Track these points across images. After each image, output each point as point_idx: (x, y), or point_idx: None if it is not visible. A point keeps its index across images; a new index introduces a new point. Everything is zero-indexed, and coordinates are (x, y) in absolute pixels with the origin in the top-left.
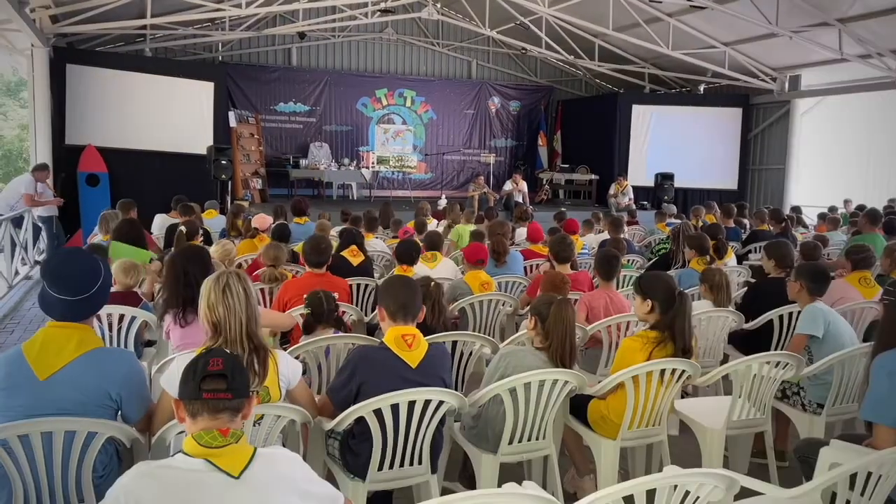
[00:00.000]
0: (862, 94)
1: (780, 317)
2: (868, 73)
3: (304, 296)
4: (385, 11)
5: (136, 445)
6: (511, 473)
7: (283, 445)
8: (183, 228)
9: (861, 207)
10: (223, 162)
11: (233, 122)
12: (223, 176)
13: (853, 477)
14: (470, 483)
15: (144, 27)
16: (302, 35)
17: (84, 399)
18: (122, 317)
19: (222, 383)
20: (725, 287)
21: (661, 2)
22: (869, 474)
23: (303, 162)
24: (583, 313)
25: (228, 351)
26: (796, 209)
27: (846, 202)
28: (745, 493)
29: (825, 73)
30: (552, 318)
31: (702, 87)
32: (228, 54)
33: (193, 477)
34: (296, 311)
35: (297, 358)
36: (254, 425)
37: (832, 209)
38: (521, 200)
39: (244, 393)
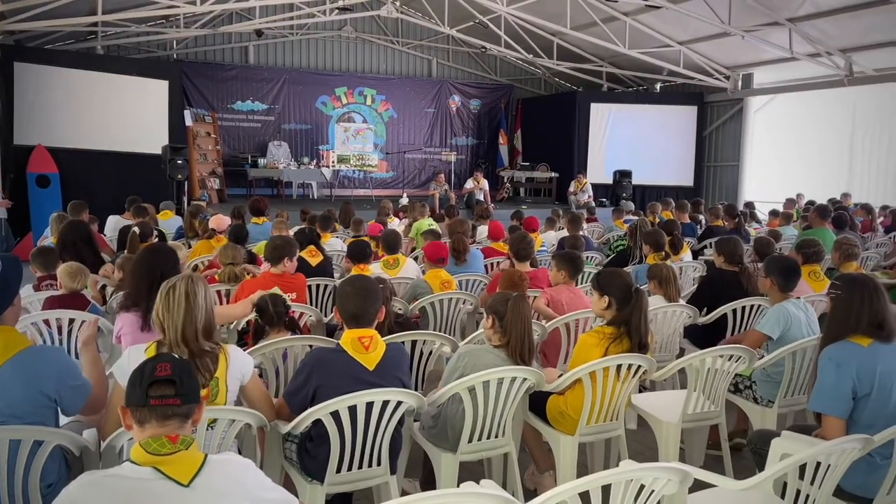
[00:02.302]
0: (812, 92)
1: (734, 311)
2: (818, 72)
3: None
4: (343, 9)
5: (85, 453)
6: (471, 472)
7: (239, 450)
8: (136, 230)
9: (811, 203)
10: (179, 162)
11: (189, 121)
12: (179, 176)
13: (804, 467)
14: (430, 483)
15: (96, 24)
16: (259, 33)
17: (19, 407)
18: (71, 321)
19: (170, 389)
20: (673, 281)
21: (617, 1)
22: (818, 464)
23: (261, 161)
24: (543, 302)
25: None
26: (750, 205)
27: (798, 197)
28: (700, 485)
29: (777, 72)
30: (510, 315)
31: (658, 86)
32: (184, 52)
33: (141, 485)
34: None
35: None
36: (207, 429)
37: (790, 202)
38: (482, 198)
39: (194, 398)
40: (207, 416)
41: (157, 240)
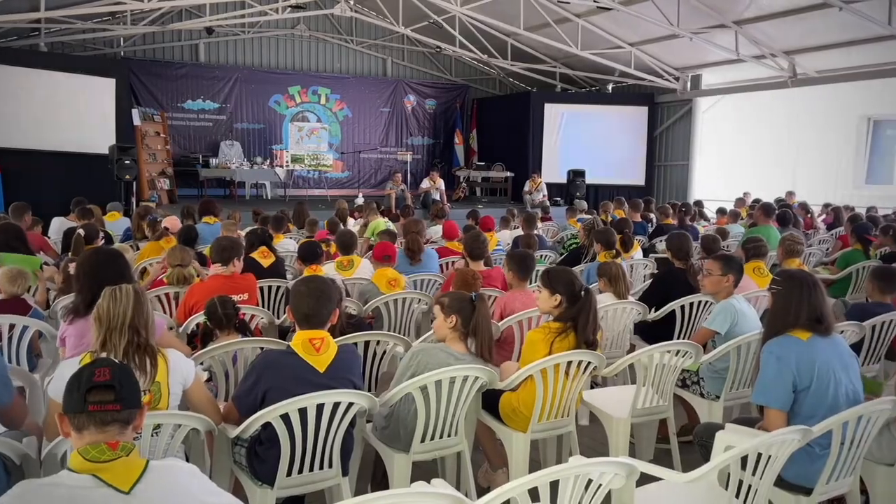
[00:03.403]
0: (758, 93)
1: (683, 307)
2: (763, 73)
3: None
4: (296, 7)
5: (26, 462)
6: (425, 471)
7: (187, 455)
8: (81, 232)
9: (757, 201)
10: (127, 162)
11: (137, 120)
12: (127, 176)
13: (747, 458)
14: (382, 483)
15: (39, 21)
16: (209, 30)
17: None
18: (12, 326)
19: (109, 394)
20: (622, 278)
21: (569, 2)
22: (759, 455)
23: (213, 161)
24: (498, 313)
25: (110, 344)
26: (698, 203)
27: (745, 195)
28: (649, 478)
29: (724, 73)
30: (478, 316)
31: (610, 87)
32: (131, 49)
33: (80, 493)
34: (201, 317)
35: (201, 364)
36: (151, 435)
37: (740, 201)
38: (438, 198)
39: (134, 403)
40: (152, 421)
41: (103, 242)
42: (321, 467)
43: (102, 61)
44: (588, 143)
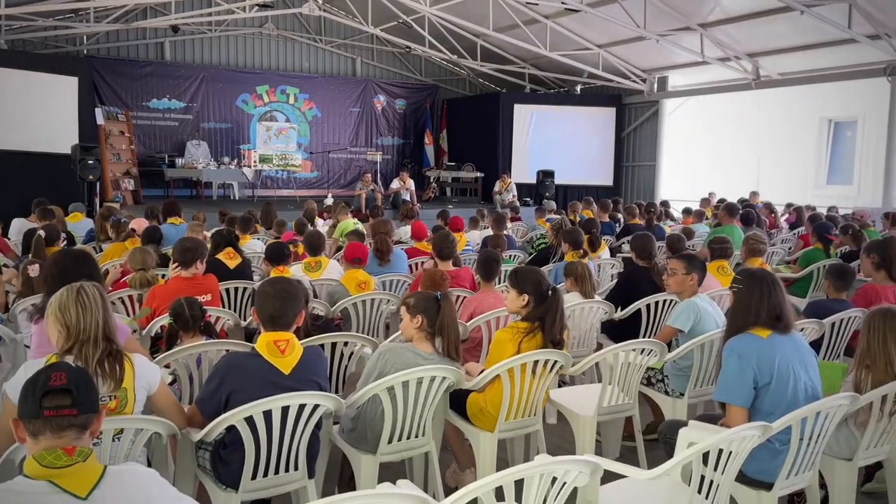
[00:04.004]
0: (722, 95)
1: (648, 306)
2: (727, 75)
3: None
4: (264, 6)
5: None
6: (393, 472)
7: (149, 459)
8: (42, 233)
9: (722, 201)
10: (90, 162)
11: (100, 120)
12: (90, 177)
13: (708, 455)
14: (350, 485)
15: None
16: (175, 28)
17: None
18: None
19: (66, 399)
20: (589, 278)
21: (537, 4)
22: (721, 451)
23: (179, 161)
24: (467, 314)
25: (82, 355)
26: (665, 203)
27: (710, 195)
28: (615, 476)
29: (690, 75)
30: (444, 315)
31: (578, 88)
32: (94, 47)
33: (35, 500)
34: (164, 320)
35: (166, 367)
36: (113, 440)
37: (705, 201)
38: (408, 198)
39: (91, 408)
40: (113, 425)
41: (65, 243)
42: (287, 470)
43: (65, 59)
44: (557, 143)
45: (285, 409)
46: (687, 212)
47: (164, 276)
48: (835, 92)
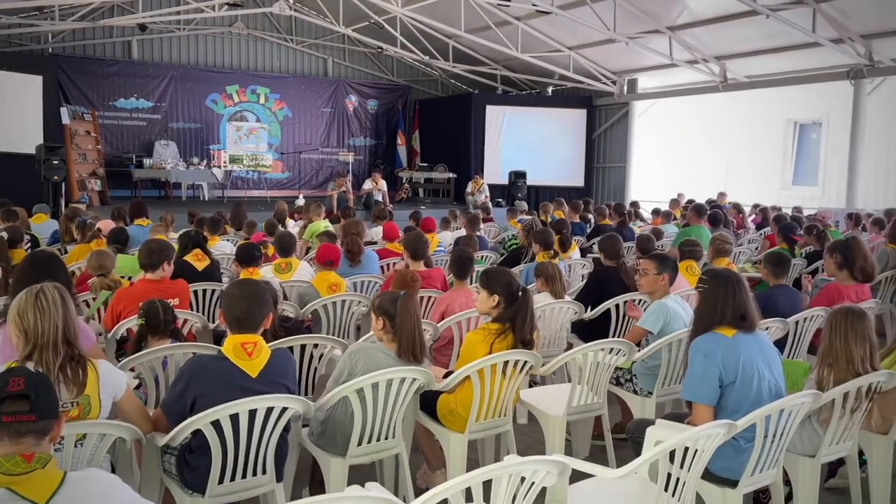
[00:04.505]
0: (691, 97)
1: (617, 306)
2: (696, 78)
3: (140, 304)
4: (233, 5)
5: None
6: (364, 474)
7: (113, 465)
8: (4, 235)
9: (691, 202)
10: (55, 162)
11: (66, 119)
12: (55, 177)
13: (675, 453)
14: (321, 488)
15: None
16: (143, 27)
17: None
18: None
19: (24, 405)
20: (559, 278)
21: (508, 5)
22: (687, 449)
23: (147, 161)
24: (439, 313)
25: (42, 360)
26: (635, 204)
27: (679, 196)
28: (583, 475)
29: (659, 77)
30: (400, 315)
31: (550, 90)
32: (60, 46)
33: None
34: (131, 323)
35: (131, 370)
36: (75, 446)
37: (674, 202)
38: (380, 199)
39: (51, 413)
40: (75, 431)
41: (28, 245)
42: (254, 474)
43: (29, 58)
44: (529, 144)
45: (253, 413)
46: (656, 212)
47: (130, 278)
48: (800, 95)
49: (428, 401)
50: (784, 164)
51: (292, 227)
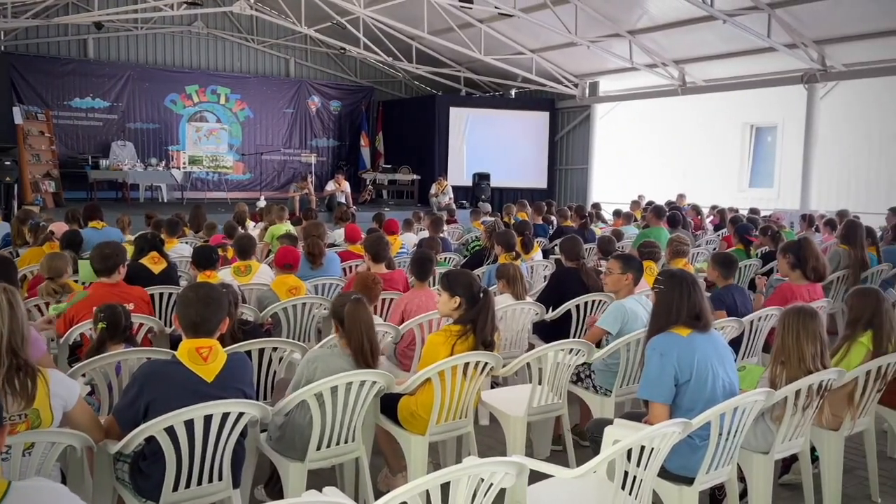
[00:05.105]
0: (651, 100)
1: (578, 306)
2: (655, 81)
3: (95, 308)
4: (192, 3)
5: None
6: (325, 479)
7: (63, 474)
8: None
9: (651, 203)
10: (7, 163)
11: (18, 119)
12: (7, 178)
13: (632, 451)
14: (279, 493)
15: None
16: (99, 25)
17: None
18: None
19: None
20: (520, 280)
21: (471, 7)
22: (643, 448)
23: (103, 162)
24: (398, 313)
25: None
26: (596, 206)
27: (640, 198)
28: (544, 475)
29: (620, 81)
30: (347, 320)
31: (513, 92)
32: (12, 44)
33: None
34: (84, 327)
35: (83, 376)
36: (23, 455)
37: (635, 203)
38: (343, 201)
39: None
40: (23, 439)
41: None
42: (210, 480)
43: None
44: (493, 146)
45: (208, 418)
46: (617, 214)
47: (83, 282)
48: (756, 99)
49: (389, 403)
50: (741, 166)
51: (252, 229)
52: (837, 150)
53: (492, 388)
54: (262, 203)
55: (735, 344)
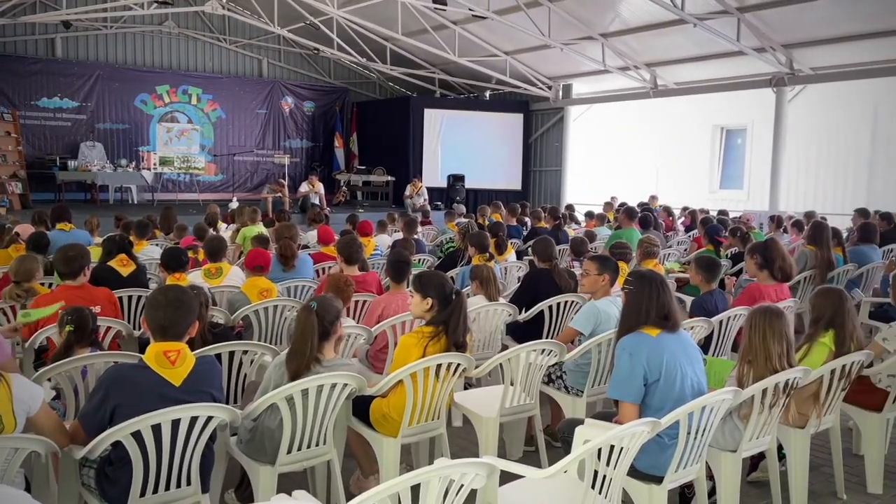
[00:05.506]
0: (623, 103)
1: (551, 307)
2: (628, 84)
3: (62, 312)
4: (163, 3)
5: None
6: (296, 482)
7: (28, 480)
8: None
9: (623, 204)
10: None
11: None
12: None
13: (602, 451)
14: (249, 498)
15: None
16: (67, 24)
17: None
18: None
19: None
20: (493, 281)
21: (445, 9)
22: (613, 447)
23: (72, 163)
24: (375, 315)
25: None
26: (570, 207)
27: (612, 199)
28: (514, 476)
29: (593, 83)
30: (298, 327)
31: (487, 94)
32: None
33: None
34: (50, 331)
35: (49, 380)
36: None
37: (608, 205)
38: (317, 202)
39: None
40: None
41: None
42: (178, 485)
43: None
44: (467, 148)
45: (176, 423)
46: (590, 215)
47: (51, 284)
48: (726, 101)
49: (361, 406)
50: (712, 168)
51: (224, 230)
52: (805, 152)
53: (465, 389)
54: (234, 204)
55: (704, 344)
